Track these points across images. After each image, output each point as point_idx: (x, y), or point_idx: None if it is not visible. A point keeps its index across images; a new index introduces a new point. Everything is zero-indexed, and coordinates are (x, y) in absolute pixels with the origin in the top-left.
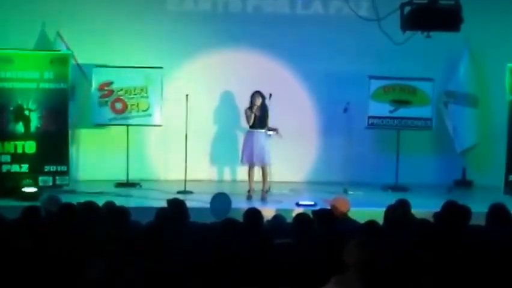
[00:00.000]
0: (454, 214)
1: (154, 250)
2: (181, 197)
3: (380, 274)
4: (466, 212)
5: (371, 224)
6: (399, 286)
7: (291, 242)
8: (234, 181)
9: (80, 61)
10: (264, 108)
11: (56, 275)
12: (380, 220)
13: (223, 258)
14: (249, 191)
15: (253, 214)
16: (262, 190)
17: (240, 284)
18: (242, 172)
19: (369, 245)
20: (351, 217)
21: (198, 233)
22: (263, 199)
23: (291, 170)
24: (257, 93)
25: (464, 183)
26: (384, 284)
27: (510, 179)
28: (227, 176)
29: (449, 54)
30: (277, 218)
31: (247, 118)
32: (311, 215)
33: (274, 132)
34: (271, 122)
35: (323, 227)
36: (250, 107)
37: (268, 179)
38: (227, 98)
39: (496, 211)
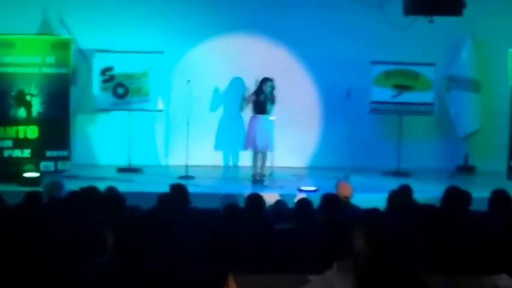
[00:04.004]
0: (454, 199)
1: (156, 235)
2: (182, 182)
3: (375, 266)
4: (466, 197)
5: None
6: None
7: (292, 227)
8: (236, 166)
9: (81, 46)
10: (267, 95)
11: (57, 262)
12: (382, 205)
13: (224, 243)
14: (253, 176)
15: (255, 199)
16: (260, 173)
17: (241, 269)
18: (245, 158)
19: (375, 235)
20: (353, 202)
21: (200, 218)
22: (260, 181)
23: (293, 155)
24: (267, 81)
25: (466, 169)
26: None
27: None
28: (230, 161)
29: (451, 39)
30: (279, 204)
31: (245, 104)
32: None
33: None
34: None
35: (328, 211)
36: (257, 93)
37: (266, 165)
38: (229, 83)
39: (498, 197)
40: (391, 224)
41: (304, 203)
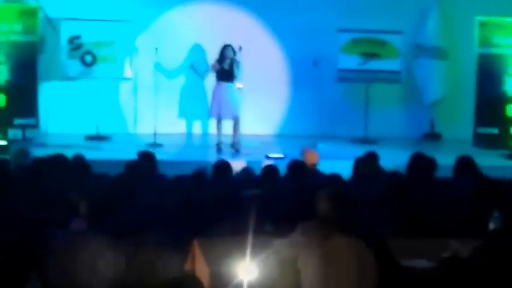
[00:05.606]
0: (419, 166)
1: (123, 201)
2: (150, 150)
3: (341, 225)
4: (431, 163)
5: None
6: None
7: (259, 193)
8: (204, 134)
9: (49, 14)
10: (233, 62)
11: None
12: (349, 172)
13: (192, 209)
14: (217, 144)
15: (222, 166)
16: (233, 143)
17: (208, 235)
18: (212, 125)
19: (339, 198)
20: (320, 169)
21: (167, 184)
22: (236, 150)
23: (260, 122)
24: (228, 47)
25: (432, 136)
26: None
27: (478, 131)
28: (197, 129)
29: (418, 6)
30: (246, 171)
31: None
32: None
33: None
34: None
35: (295, 177)
36: (219, 60)
37: (239, 132)
38: (196, 51)
39: (463, 163)
40: (356, 190)
41: (270, 169)
